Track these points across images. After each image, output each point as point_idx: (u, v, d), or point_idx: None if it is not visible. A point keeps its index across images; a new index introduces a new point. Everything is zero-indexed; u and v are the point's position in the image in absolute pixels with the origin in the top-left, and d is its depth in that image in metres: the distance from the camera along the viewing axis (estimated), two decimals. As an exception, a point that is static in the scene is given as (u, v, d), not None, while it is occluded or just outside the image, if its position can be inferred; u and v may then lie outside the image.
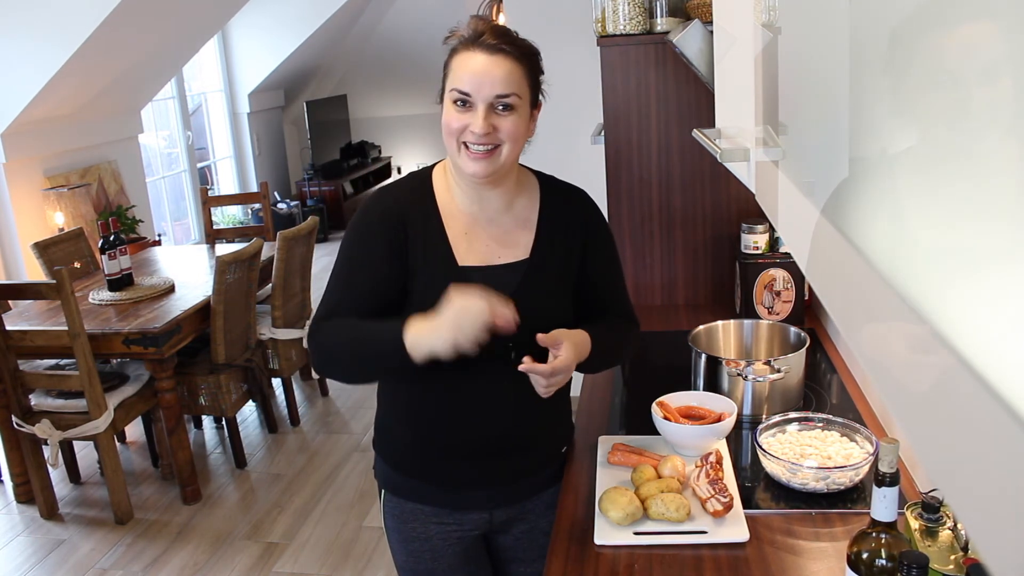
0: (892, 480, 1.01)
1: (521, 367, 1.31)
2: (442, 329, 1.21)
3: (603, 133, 2.43)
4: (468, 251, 1.39)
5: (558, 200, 1.47)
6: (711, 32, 1.64)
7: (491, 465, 1.46)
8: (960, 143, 0.40)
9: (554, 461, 1.56)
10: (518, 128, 1.33)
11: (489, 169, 1.33)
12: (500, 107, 1.30)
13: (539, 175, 1.50)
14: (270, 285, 3.85)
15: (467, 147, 1.32)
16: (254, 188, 7.18)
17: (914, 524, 1.14)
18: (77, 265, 3.93)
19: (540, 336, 1.33)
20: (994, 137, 0.36)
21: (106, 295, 3.44)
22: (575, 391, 2.12)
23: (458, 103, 1.30)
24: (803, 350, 1.77)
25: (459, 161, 1.34)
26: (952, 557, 1.08)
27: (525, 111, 1.34)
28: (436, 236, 1.39)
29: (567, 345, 1.34)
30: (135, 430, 3.95)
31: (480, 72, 1.28)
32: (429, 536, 1.50)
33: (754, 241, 2.23)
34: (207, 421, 4.07)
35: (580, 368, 1.41)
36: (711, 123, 1.65)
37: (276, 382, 4.24)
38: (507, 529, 1.54)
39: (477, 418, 1.43)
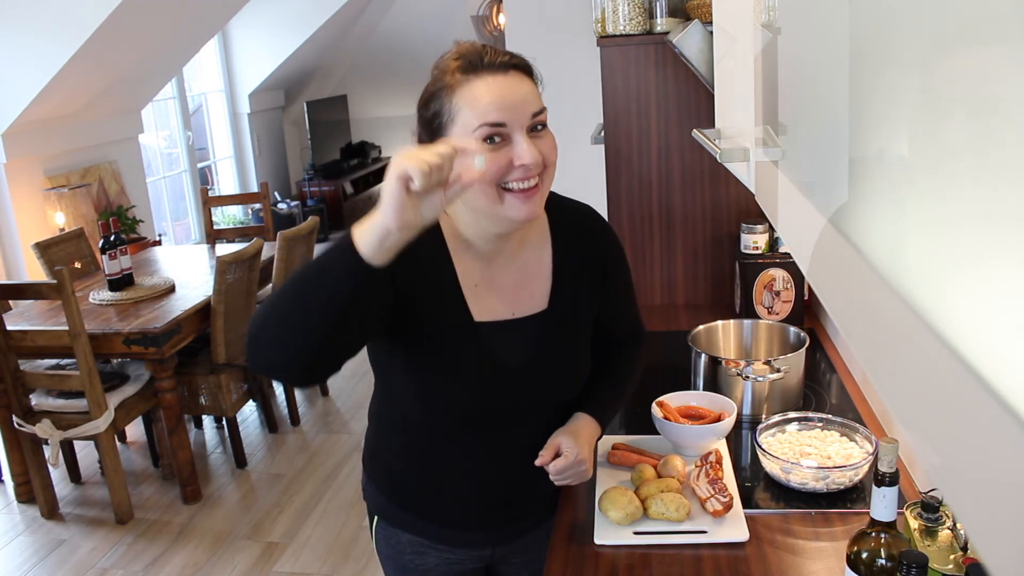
0: (892, 480, 1.01)
1: (537, 462, 1.25)
2: (383, 191, 0.94)
3: (603, 133, 2.43)
4: (481, 305, 1.24)
5: (570, 229, 1.32)
6: (711, 32, 1.64)
7: (492, 512, 1.39)
8: (960, 143, 0.40)
9: (555, 498, 1.47)
10: (555, 146, 1.18)
11: (538, 207, 1.16)
12: (537, 127, 1.15)
13: None
14: (270, 285, 3.85)
15: (508, 189, 1.12)
16: (254, 188, 7.18)
17: (913, 524, 1.14)
18: (78, 265, 3.94)
19: (540, 461, 1.26)
20: (994, 137, 0.36)
21: (107, 295, 3.44)
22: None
23: (489, 140, 1.10)
24: (803, 350, 1.77)
25: (504, 210, 1.13)
26: (951, 557, 1.08)
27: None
28: (449, 287, 1.22)
29: (567, 443, 1.27)
30: (135, 430, 3.95)
31: (507, 95, 1.10)
32: (427, 568, 1.41)
33: (754, 241, 2.23)
34: (207, 421, 4.07)
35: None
36: (711, 123, 1.66)
37: (276, 382, 4.24)
38: (507, 559, 1.47)
39: (477, 466, 1.33)
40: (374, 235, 0.93)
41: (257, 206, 6.44)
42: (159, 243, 5.12)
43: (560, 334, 1.29)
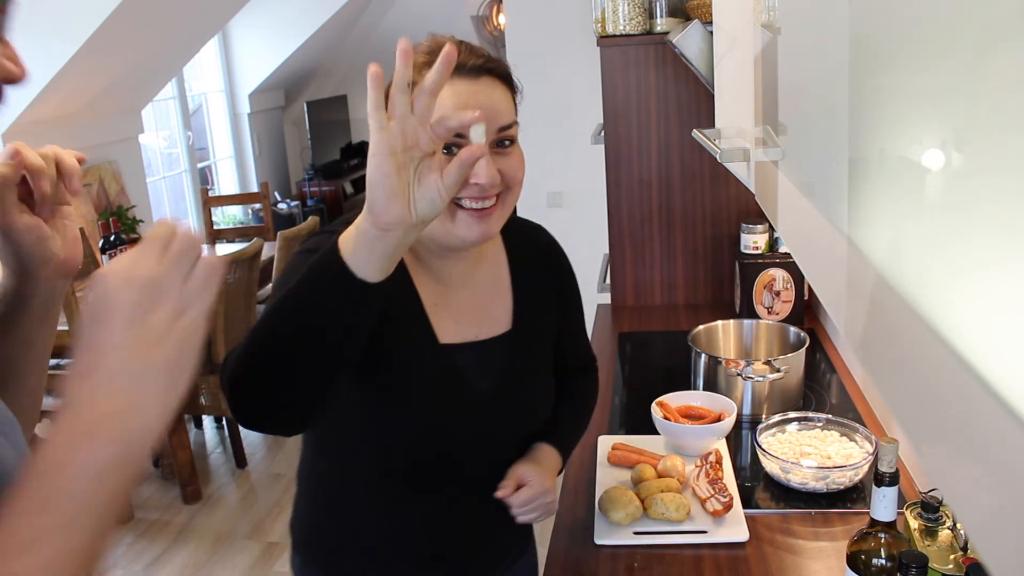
0: (892, 480, 1.01)
1: (498, 494, 1.13)
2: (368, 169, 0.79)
3: (603, 133, 2.43)
4: (445, 327, 1.13)
5: (524, 246, 1.24)
6: (711, 32, 1.64)
7: (467, 561, 1.24)
8: (960, 143, 0.40)
9: (528, 532, 1.34)
10: (523, 164, 1.08)
11: (496, 227, 1.06)
12: (505, 142, 1.05)
13: None
14: (270, 285, 3.85)
15: (461, 206, 1.02)
16: (254, 188, 7.18)
17: (914, 524, 1.14)
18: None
19: (502, 493, 1.13)
20: (994, 137, 0.36)
21: (106, 295, 3.44)
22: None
23: (447, 150, 0.96)
24: (803, 350, 1.77)
25: (455, 228, 1.03)
26: (951, 556, 1.08)
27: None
28: (410, 308, 1.10)
29: (530, 472, 1.15)
30: (135, 430, 3.95)
31: (472, 104, 1.00)
32: None
33: (754, 241, 2.23)
34: (207, 421, 4.07)
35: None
36: (711, 123, 1.66)
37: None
38: None
39: (447, 510, 1.19)
40: (363, 238, 0.78)
41: (257, 206, 6.44)
42: (159, 243, 5.11)
43: (527, 355, 1.20)
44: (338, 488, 1.19)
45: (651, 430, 1.63)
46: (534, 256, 1.26)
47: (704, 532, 1.34)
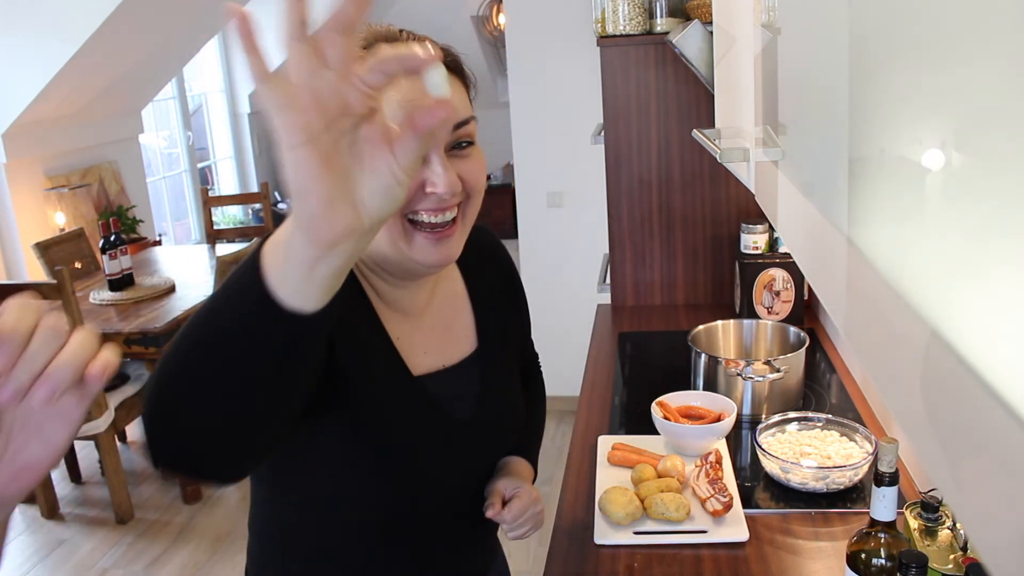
0: (891, 480, 1.01)
1: (488, 514, 1.05)
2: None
3: (603, 133, 2.43)
4: (415, 356, 1.02)
5: (474, 254, 1.11)
6: (711, 32, 1.64)
7: None
8: (960, 143, 0.40)
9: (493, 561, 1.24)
10: (484, 168, 0.96)
11: (455, 251, 0.93)
12: (462, 143, 0.92)
13: None
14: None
15: (416, 223, 0.90)
16: (254, 188, 7.18)
17: (913, 523, 1.14)
18: (78, 265, 3.94)
19: (491, 512, 1.05)
20: (994, 137, 0.36)
21: (107, 295, 3.44)
22: (574, 391, 2.13)
23: None
24: (803, 350, 1.77)
25: (410, 251, 0.91)
26: (951, 556, 1.08)
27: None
28: (377, 340, 0.98)
29: (513, 484, 1.09)
30: (136, 430, 3.95)
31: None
32: None
33: (754, 241, 2.23)
34: (207, 421, 4.07)
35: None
36: (711, 123, 1.66)
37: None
38: None
39: (429, 548, 1.08)
40: (296, 266, 0.54)
41: (257, 206, 6.44)
42: (159, 243, 5.12)
43: (496, 373, 1.11)
44: (306, 536, 1.04)
45: (651, 430, 1.63)
46: (485, 262, 1.17)
47: (704, 532, 1.34)
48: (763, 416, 1.70)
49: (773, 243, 2.25)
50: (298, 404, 0.67)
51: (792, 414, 1.60)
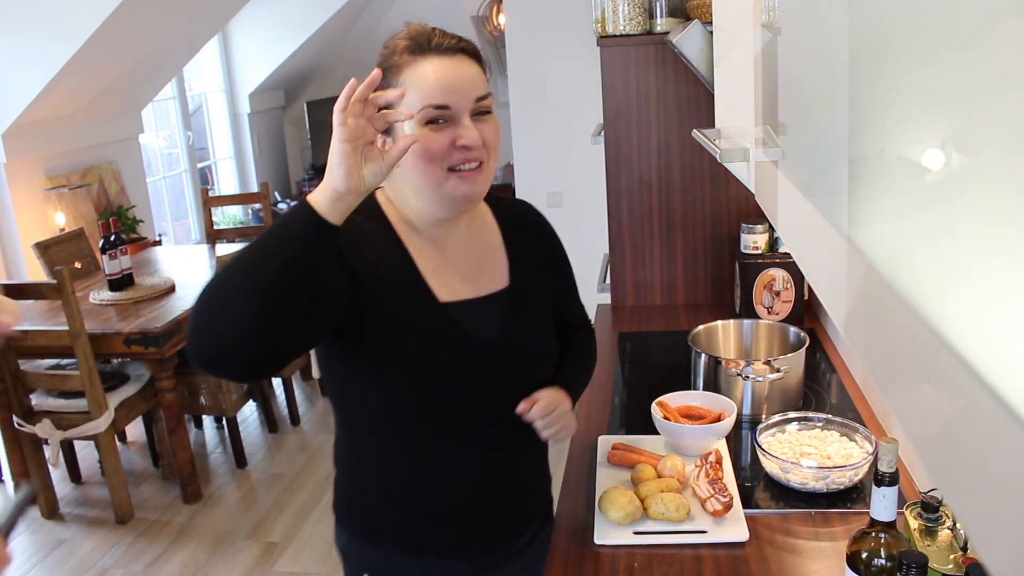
0: (891, 480, 1.01)
1: (518, 409, 1.21)
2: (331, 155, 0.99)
3: (603, 133, 2.43)
4: (444, 287, 1.23)
5: (514, 220, 1.36)
6: (711, 32, 1.64)
7: (492, 522, 1.31)
8: (960, 142, 0.40)
9: (539, 517, 1.41)
10: (498, 132, 1.21)
11: (483, 187, 1.19)
12: (482, 112, 1.17)
13: None
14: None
15: (454, 170, 1.15)
16: (254, 188, 7.18)
17: (913, 523, 1.14)
18: (78, 265, 3.93)
19: (521, 408, 1.21)
20: (994, 137, 0.36)
21: (107, 295, 3.44)
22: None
23: (432, 122, 1.13)
24: (803, 350, 1.77)
25: (446, 189, 1.16)
26: (951, 556, 1.08)
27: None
28: (408, 273, 1.21)
29: (541, 392, 1.24)
30: (136, 430, 3.95)
31: (452, 78, 1.13)
32: None
33: (754, 241, 2.23)
34: (207, 421, 4.07)
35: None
36: (711, 123, 1.66)
37: (276, 382, 4.24)
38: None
39: (469, 466, 1.26)
40: (326, 197, 0.98)
41: (257, 206, 6.44)
42: (159, 243, 5.12)
43: (526, 308, 1.29)
44: (369, 455, 1.29)
45: (651, 430, 1.63)
46: (525, 225, 1.37)
47: (704, 532, 1.34)
48: (763, 416, 1.70)
49: (773, 243, 2.25)
50: (308, 316, 1.03)
51: (792, 414, 1.60)
